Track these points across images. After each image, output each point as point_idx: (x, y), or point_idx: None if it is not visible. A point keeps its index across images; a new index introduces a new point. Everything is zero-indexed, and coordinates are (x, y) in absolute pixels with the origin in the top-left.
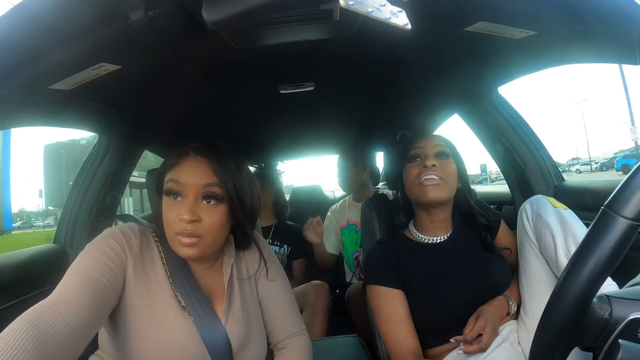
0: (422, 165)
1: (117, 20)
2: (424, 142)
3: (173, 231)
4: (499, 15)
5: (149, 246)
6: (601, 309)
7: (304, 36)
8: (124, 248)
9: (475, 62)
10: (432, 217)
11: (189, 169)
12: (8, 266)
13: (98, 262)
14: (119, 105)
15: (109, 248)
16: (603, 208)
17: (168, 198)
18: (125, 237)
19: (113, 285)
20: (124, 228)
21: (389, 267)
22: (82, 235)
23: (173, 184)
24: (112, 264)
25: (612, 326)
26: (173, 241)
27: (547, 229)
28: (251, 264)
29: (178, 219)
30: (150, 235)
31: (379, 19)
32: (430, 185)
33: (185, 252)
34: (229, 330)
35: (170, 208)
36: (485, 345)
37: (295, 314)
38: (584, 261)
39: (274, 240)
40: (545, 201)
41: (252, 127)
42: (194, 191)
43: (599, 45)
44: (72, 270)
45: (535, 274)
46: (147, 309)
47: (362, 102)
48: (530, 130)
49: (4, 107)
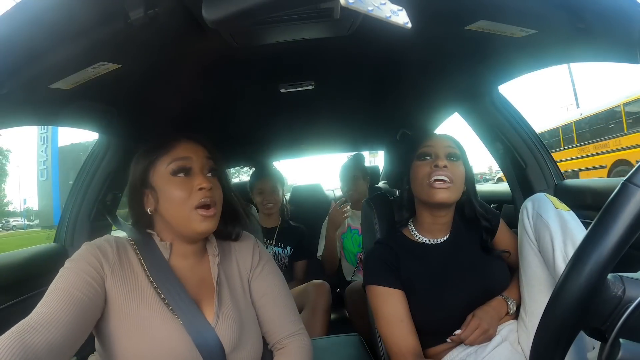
0: (434, 164)
1: (117, 19)
2: (435, 141)
3: (191, 206)
4: (499, 13)
5: (127, 255)
6: (615, 286)
7: (304, 35)
8: (101, 261)
9: (475, 61)
10: (435, 219)
11: (190, 147)
12: (8, 265)
13: (77, 279)
14: (119, 104)
15: (86, 263)
16: (624, 181)
17: (176, 178)
18: (100, 250)
19: (93, 300)
20: (99, 242)
21: (389, 267)
22: (82, 234)
23: (181, 161)
24: (90, 279)
25: (624, 305)
26: (191, 218)
27: (546, 230)
28: (243, 263)
29: (196, 190)
30: (127, 243)
31: (379, 18)
32: (440, 188)
33: (206, 226)
34: (220, 331)
35: (182, 187)
36: (468, 342)
37: (292, 313)
38: (604, 231)
39: (278, 242)
40: (547, 200)
41: (252, 126)
42: (200, 164)
43: (600, 44)
44: (53, 287)
45: (535, 274)
46: (134, 317)
47: (362, 100)
48: (530, 128)
49: (5, 106)
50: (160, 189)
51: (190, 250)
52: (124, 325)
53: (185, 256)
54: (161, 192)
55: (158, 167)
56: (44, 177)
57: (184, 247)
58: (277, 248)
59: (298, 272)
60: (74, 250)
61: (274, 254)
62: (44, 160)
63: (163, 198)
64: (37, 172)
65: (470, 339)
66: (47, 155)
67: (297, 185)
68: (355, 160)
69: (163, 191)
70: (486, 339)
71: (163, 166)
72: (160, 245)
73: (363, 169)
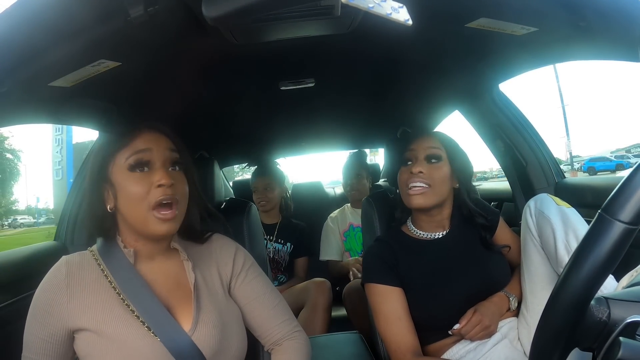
0: (410, 171)
1: (117, 16)
2: (417, 144)
3: (148, 206)
4: (500, 11)
5: (84, 271)
6: (599, 311)
7: (305, 32)
8: (53, 297)
9: (476, 59)
10: (428, 218)
11: (151, 138)
12: (8, 264)
13: (37, 341)
14: (119, 102)
15: (40, 313)
16: (600, 212)
17: (134, 174)
18: (50, 285)
19: (60, 353)
20: (45, 280)
21: (387, 265)
22: (82, 233)
23: (140, 154)
24: (49, 329)
25: (610, 328)
26: (147, 220)
27: (548, 224)
28: (224, 267)
29: (153, 187)
30: (86, 256)
31: (379, 15)
32: (415, 195)
33: (165, 228)
34: (200, 337)
35: (139, 182)
36: (468, 337)
37: (283, 313)
38: (580, 265)
39: (278, 239)
40: (549, 199)
41: (252, 123)
42: (161, 157)
43: (600, 42)
44: (23, 353)
45: (537, 270)
46: (104, 337)
47: (362, 98)
48: (531, 127)
49: (5, 105)
50: (118, 184)
51: (156, 250)
52: (96, 348)
53: (151, 257)
54: (119, 189)
55: (117, 160)
56: (59, 177)
57: (148, 248)
58: (277, 244)
59: (298, 269)
60: (75, 249)
61: (274, 250)
62: (59, 160)
63: (121, 194)
64: (52, 172)
65: (470, 334)
66: (62, 156)
67: (297, 183)
68: (358, 158)
69: (121, 187)
70: (486, 335)
71: (122, 159)
72: (125, 251)
73: (366, 167)
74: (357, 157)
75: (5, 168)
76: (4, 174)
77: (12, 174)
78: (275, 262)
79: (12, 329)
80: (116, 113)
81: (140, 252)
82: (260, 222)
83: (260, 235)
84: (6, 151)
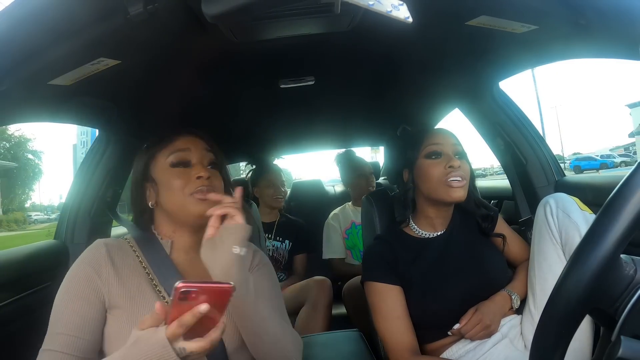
0: (448, 165)
1: (116, 14)
2: (442, 139)
3: (188, 192)
4: (500, 9)
5: (122, 256)
6: (628, 266)
7: (304, 30)
8: (94, 270)
9: (476, 57)
10: (438, 213)
11: (190, 140)
12: (9, 262)
13: (73, 316)
14: (119, 100)
15: (78, 286)
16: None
17: (175, 169)
18: (91, 259)
19: (93, 329)
20: (86, 254)
21: (387, 264)
22: (82, 231)
23: (180, 153)
24: (87, 301)
25: (635, 285)
26: (186, 203)
27: (575, 232)
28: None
29: (193, 179)
30: (123, 243)
31: (379, 12)
32: (458, 187)
33: (202, 208)
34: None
35: (180, 176)
36: (468, 336)
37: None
38: (614, 217)
39: (277, 236)
40: (572, 201)
41: (252, 121)
42: (199, 157)
43: (601, 41)
44: (52, 331)
45: (551, 268)
46: (135, 320)
47: (362, 96)
48: (531, 125)
49: (4, 103)
50: (160, 180)
51: (191, 244)
52: (125, 328)
53: (185, 250)
54: (161, 184)
55: (158, 159)
56: None
57: (184, 240)
58: (275, 242)
59: (298, 266)
60: (74, 247)
61: (274, 248)
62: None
63: (163, 189)
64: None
65: (470, 334)
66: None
67: (297, 181)
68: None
69: (163, 182)
70: (487, 335)
71: (163, 158)
72: (162, 242)
73: (369, 169)
74: (353, 155)
75: (27, 168)
76: (26, 173)
77: (35, 173)
78: (274, 260)
79: (13, 327)
80: (116, 111)
81: (176, 244)
82: (260, 220)
83: (261, 233)
84: (28, 152)
